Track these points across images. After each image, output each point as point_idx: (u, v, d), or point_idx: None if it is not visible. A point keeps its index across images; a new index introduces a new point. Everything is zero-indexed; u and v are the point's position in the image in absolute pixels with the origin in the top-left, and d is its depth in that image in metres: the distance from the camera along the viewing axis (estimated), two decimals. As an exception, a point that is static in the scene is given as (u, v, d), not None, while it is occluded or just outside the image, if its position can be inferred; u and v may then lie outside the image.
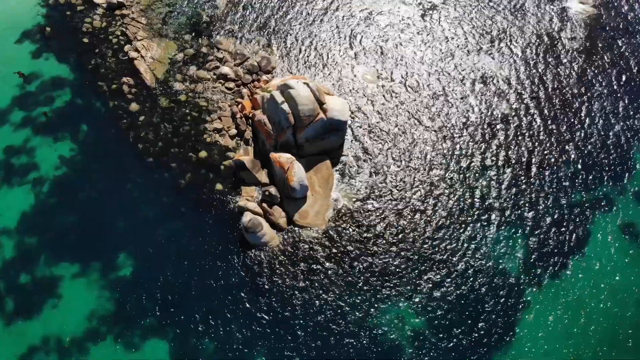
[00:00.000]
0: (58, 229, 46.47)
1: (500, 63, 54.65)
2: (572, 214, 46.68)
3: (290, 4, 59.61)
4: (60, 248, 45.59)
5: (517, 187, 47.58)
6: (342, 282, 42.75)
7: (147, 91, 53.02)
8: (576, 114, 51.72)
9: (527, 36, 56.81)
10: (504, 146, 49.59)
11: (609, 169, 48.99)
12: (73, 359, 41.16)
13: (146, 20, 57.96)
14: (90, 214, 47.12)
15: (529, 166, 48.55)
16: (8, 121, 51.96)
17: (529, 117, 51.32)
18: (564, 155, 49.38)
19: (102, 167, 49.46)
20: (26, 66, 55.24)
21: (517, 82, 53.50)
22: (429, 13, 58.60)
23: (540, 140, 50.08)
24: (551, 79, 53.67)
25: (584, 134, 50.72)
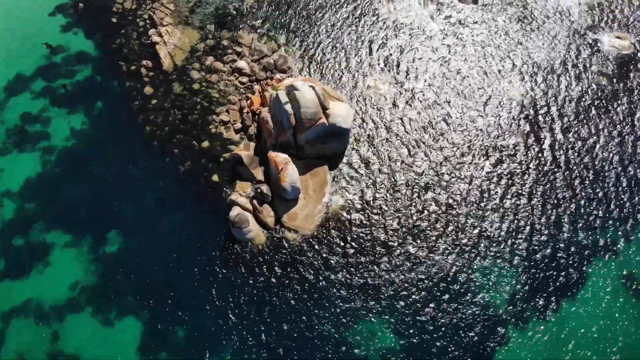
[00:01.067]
0: (58, 199, 48.03)
1: (519, 89, 53.03)
2: (571, 254, 44.76)
3: (316, 7, 59.60)
4: (56, 217, 47.12)
5: (515, 218, 45.97)
6: (317, 292, 42.35)
7: (164, 76, 54.12)
8: (590, 151, 49.61)
9: (552, 65, 54.83)
10: (508, 174, 48.04)
11: (617, 214, 46.70)
12: (50, 323, 42.54)
13: (174, 7, 59.22)
14: (90, 188, 48.51)
15: (531, 198, 46.89)
16: (29, 89, 54.14)
17: (539, 148, 49.49)
18: (571, 192, 47.45)
19: (109, 144, 50.86)
20: (55, 38, 57.50)
21: (533, 110, 51.75)
22: (456, 31, 57.43)
23: (547, 172, 48.27)
24: (570, 113, 51.65)
25: (596, 173, 48.56)
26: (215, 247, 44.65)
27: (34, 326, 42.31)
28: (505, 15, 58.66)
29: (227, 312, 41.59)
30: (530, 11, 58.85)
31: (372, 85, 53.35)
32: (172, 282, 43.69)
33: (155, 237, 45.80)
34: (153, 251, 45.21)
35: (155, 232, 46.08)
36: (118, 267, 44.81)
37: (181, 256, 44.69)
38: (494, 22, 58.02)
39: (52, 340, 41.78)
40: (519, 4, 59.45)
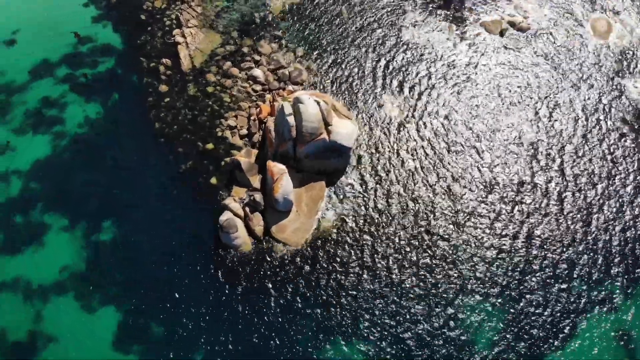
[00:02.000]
0: (61, 182, 49.37)
1: (533, 127, 51.58)
2: (564, 303, 42.98)
3: (339, 25, 59.77)
4: (57, 200, 48.42)
5: (511, 260, 44.55)
6: (292, 308, 41.93)
7: (181, 76, 55.20)
8: (600, 199, 47.70)
9: (572, 105, 53.16)
10: (508, 212, 46.67)
11: (620, 268, 44.67)
12: (35, 303, 43.56)
13: (202, 9, 60.51)
14: (93, 175, 49.71)
15: (529, 239, 45.36)
16: (53, 74, 56.16)
17: (544, 190, 47.91)
18: (573, 238, 45.67)
19: (118, 135, 52.09)
20: (84, 29, 59.59)
21: (546, 151, 50.21)
22: (477, 62, 56.46)
23: (549, 215, 46.64)
24: (583, 157, 49.86)
25: (603, 223, 46.59)
26: (201, 248, 44.95)
27: (19, 304, 43.40)
28: (531, 50, 57.36)
29: (201, 316, 41.78)
30: (557, 49, 57.37)
31: (383, 106, 52.98)
32: (155, 278, 44.20)
33: (147, 230, 46.50)
34: (143, 244, 45.92)
35: (148, 225, 46.78)
36: (108, 256, 45.61)
37: (168, 253, 45.18)
38: (518, 57, 56.76)
39: (34, 319, 42.75)
40: (546, 41, 58.07)
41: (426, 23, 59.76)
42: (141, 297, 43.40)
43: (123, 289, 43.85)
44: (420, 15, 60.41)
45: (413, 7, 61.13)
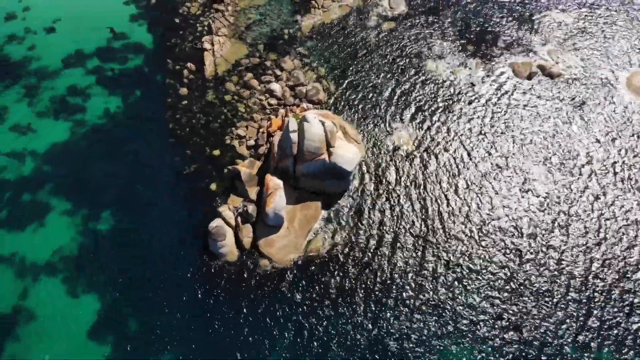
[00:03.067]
0: (71, 168, 51.10)
1: (548, 178, 49.70)
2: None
3: (365, 49, 59.93)
4: (65, 184, 50.07)
5: (501, 315, 42.74)
6: (264, 327, 41.44)
7: (202, 82, 56.60)
8: (605, 265, 45.24)
9: (591, 162, 51.01)
10: (506, 265, 44.91)
11: (615, 336, 42.09)
12: (25, 279, 44.86)
13: (234, 20, 62.14)
14: (102, 165, 51.22)
15: (524, 297, 43.38)
16: (83, 65, 58.73)
17: (549, 247, 45.92)
18: (573, 303, 43.41)
19: (132, 131, 53.62)
20: (121, 25, 62.27)
21: (556, 206, 48.23)
22: (499, 102, 55.26)
23: (549, 275, 44.54)
24: (598, 218, 47.59)
25: (603, 288, 44.12)
26: (189, 252, 45.31)
27: (10, 278, 44.83)
28: (557, 97, 55.68)
29: (173, 317, 42.03)
30: (585, 99, 55.40)
31: (393, 135, 52.50)
32: (140, 274, 44.75)
33: (142, 226, 47.32)
34: (135, 239, 46.70)
35: (144, 221, 47.62)
36: (101, 245, 46.60)
37: (157, 252, 45.78)
38: (542, 102, 55.24)
39: (21, 295, 44.00)
40: (575, 90, 56.24)
41: (453, 56, 59.20)
42: (124, 290, 44.04)
43: (109, 280, 44.62)
44: (448, 48, 59.92)
45: (442, 39, 60.76)
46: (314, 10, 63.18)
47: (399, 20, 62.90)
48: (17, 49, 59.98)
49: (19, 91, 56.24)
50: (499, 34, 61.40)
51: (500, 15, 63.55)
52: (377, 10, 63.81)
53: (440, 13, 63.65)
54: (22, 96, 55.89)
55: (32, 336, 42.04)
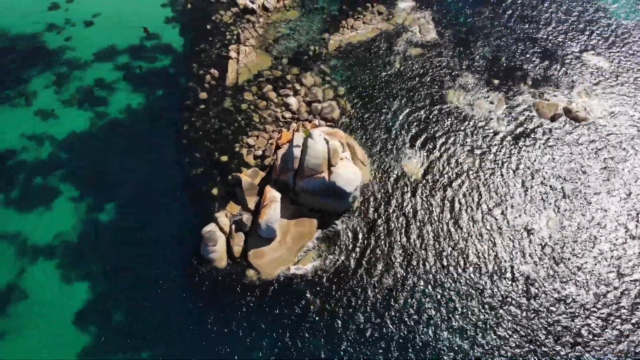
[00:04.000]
0: (86, 157, 52.76)
1: (556, 223, 47.70)
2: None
3: (388, 73, 59.60)
4: (77, 172, 51.68)
5: (489, 355, 41.10)
6: (239, 343, 41.11)
7: (222, 89, 57.65)
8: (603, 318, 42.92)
9: (602, 215, 48.73)
10: (499, 303, 43.18)
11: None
12: (23, 259, 46.36)
13: (263, 32, 63.19)
14: (114, 158, 52.60)
15: (510, 336, 41.58)
16: (114, 60, 60.93)
17: (545, 295, 43.98)
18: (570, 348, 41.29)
19: (149, 127, 54.99)
20: (155, 26, 64.40)
21: (559, 254, 46.21)
22: (516, 142, 53.60)
23: (534, 312, 42.59)
24: (592, 273, 45.29)
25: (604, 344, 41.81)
26: (180, 253, 45.77)
27: (10, 256, 46.45)
28: (579, 143, 53.63)
29: (155, 313, 42.68)
30: (608, 148, 53.10)
31: (401, 162, 51.77)
32: (133, 269, 45.49)
33: (141, 222, 48.22)
34: (133, 234, 47.56)
35: (144, 217, 48.52)
36: (101, 236, 47.73)
37: (152, 249, 46.46)
38: (562, 146, 53.27)
39: (17, 274, 45.50)
40: (598, 137, 54.03)
41: (476, 89, 58.12)
42: (114, 283, 44.82)
43: (102, 271, 45.50)
44: (472, 80, 58.92)
45: (468, 70, 59.83)
46: (343, 30, 63.56)
47: (427, 48, 62.40)
48: (55, 38, 62.95)
49: (49, 78, 58.85)
50: (527, 71, 59.93)
51: (532, 52, 62.08)
52: (407, 35, 63.54)
53: (471, 44, 62.79)
54: (51, 83, 58.45)
55: (22, 315, 43.27)
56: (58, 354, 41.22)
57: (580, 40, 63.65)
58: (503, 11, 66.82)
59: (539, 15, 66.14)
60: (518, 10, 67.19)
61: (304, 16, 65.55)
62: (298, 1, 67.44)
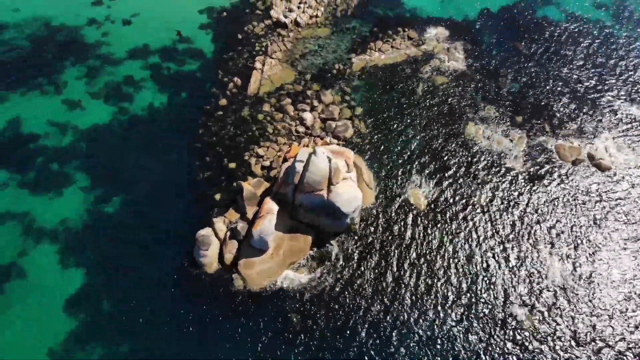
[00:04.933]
0: (103, 150, 54.48)
1: (552, 268, 45.59)
2: None
3: (408, 99, 58.91)
4: (92, 163, 53.36)
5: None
6: (215, 349, 41.14)
7: (242, 97, 58.55)
8: None
9: (608, 270, 46.15)
10: (479, 348, 41.47)
11: None
12: (27, 239, 48.07)
13: (291, 46, 63.97)
14: (129, 154, 54.07)
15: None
16: (144, 59, 63.14)
17: (528, 335, 41.88)
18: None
19: (166, 127, 56.38)
20: (189, 30, 66.43)
21: (553, 298, 44.01)
22: (532, 181, 51.79)
23: None
24: (592, 318, 42.77)
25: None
26: (173, 254, 46.35)
27: (16, 234, 48.26)
28: (599, 192, 51.18)
29: (140, 306, 43.61)
30: (629, 202, 50.52)
31: (408, 190, 50.83)
32: (126, 264, 46.38)
33: (144, 217, 49.23)
34: (133, 229, 48.56)
35: (148, 213, 49.53)
36: (103, 226, 49.00)
37: (147, 245, 47.28)
38: (578, 194, 51.02)
39: (20, 253, 47.18)
40: (621, 189, 51.44)
41: (498, 123, 56.69)
42: (108, 274, 45.78)
43: (98, 261, 46.60)
44: (494, 114, 57.51)
45: (491, 104, 58.46)
46: (370, 52, 63.56)
47: (452, 77, 61.49)
48: (93, 32, 65.89)
49: (81, 70, 61.51)
50: (554, 111, 58.02)
51: (562, 92, 60.13)
52: (434, 63, 62.85)
53: (499, 78, 61.42)
54: (82, 75, 61.05)
55: (15, 292, 44.78)
56: (44, 334, 42.34)
57: (615, 86, 61.25)
58: (538, 48, 65.20)
59: (575, 56, 64.15)
60: (554, 49, 65.41)
61: (334, 34, 66.01)
62: (331, 19, 68.07)
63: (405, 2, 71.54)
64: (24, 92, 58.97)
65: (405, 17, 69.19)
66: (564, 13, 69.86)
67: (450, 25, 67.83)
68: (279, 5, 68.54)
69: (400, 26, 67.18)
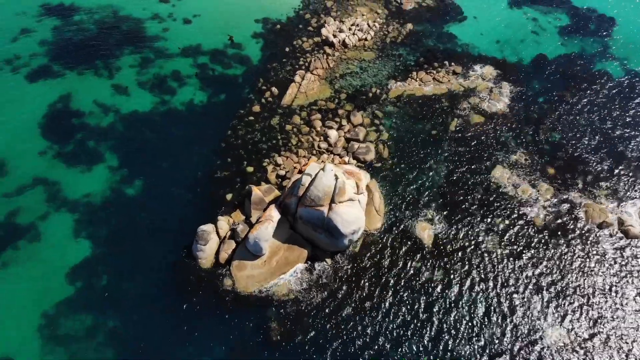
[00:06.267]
0: (138, 135, 57.66)
1: (555, 336, 42.89)
2: None
3: (438, 130, 57.86)
4: (125, 146, 56.53)
5: None
6: (191, 348, 42.19)
7: (275, 106, 60.10)
8: None
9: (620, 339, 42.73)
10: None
11: None
12: (51, 204, 51.49)
13: (334, 65, 64.98)
14: (159, 143, 56.85)
15: None
16: (194, 58, 66.64)
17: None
18: None
19: (199, 124, 58.80)
20: (241, 37, 69.23)
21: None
22: (550, 239, 49.08)
23: None
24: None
25: None
26: (175, 244, 47.96)
27: (39, 198, 51.81)
28: (623, 261, 47.75)
29: (131, 292, 45.57)
30: (654, 277, 46.85)
31: (418, 224, 49.82)
32: (132, 244, 48.59)
33: (158, 204, 51.46)
34: (147, 213, 50.90)
35: (162, 201, 51.69)
36: (120, 205, 51.70)
37: (154, 231, 49.46)
38: (600, 259, 47.80)
39: (40, 216, 50.54)
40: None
41: (527, 171, 54.43)
42: (113, 250, 48.22)
43: (107, 238, 49.12)
44: (525, 161, 55.27)
45: (524, 150, 56.27)
46: (410, 80, 63.29)
47: (490, 117, 59.84)
48: (155, 26, 70.33)
49: (136, 59, 65.73)
50: (589, 168, 54.90)
51: (602, 150, 56.72)
52: (474, 100, 61.46)
53: (538, 126, 59.03)
54: (136, 64, 65.23)
55: (27, 250, 48.12)
56: (41, 294, 45.16)
57: (662, 152, 57.34)
58: (586, 100, 62.13)
59: (624, 114, 60.52)
60: (603, 103, 62.04)
61: (379, 59, 66.36)
62: (379, 44, 68.56)
63: (459, 37, 70.71)
64: (80, 71, 63.81)
65: (455, 51, 68.36)
66: (623, 69, 66.29)
67: (500, 66, 66.21)
68: (332, 25, 69.99)
69: (447, 60, 66.48)
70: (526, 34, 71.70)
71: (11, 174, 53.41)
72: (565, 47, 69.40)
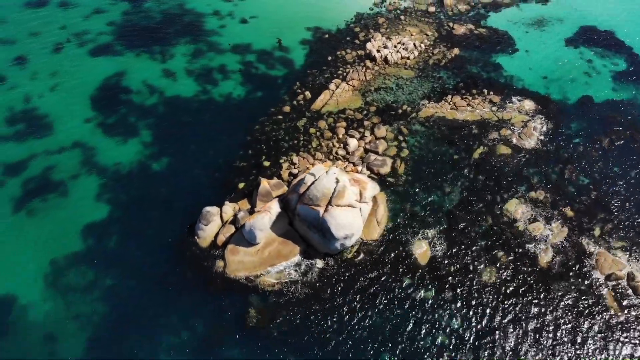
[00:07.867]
0: (174, 118, 61.92)
1: None
2: None
3: (462, 156, 57.16)
4: (160, 125, 60.92)
5: None
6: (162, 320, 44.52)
7: (304, 109, 62.34)
8: None
9: None
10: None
11: None
12: (83, 168, 56.27)
13: (371, 78, 66.24)
14: (192, 128, 60.68)
15: None
16: (242, 56, 70.72)
17: None
18: None
19: (232, 116, 62.17)
20: (290, 41, 72.56)
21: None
22: (553, 282, 47.25)
23: None
24: None
25: None
26: (181, 219, 50.93)
27: (76, 161, 56.87)
28: (624, 313, 45.03)
29: (135, 256, 48.91)
30: (659, 340, 43.81)
31: (415, 240, 49.68)
32: (147, 214, 52.09)
33: (176, 181, 54.98)
34: (164, 189, 54.40)
35: (181, 180, 55.11)
36: (144, 178, 55.60)
37: (165, 206, 52.80)
38: (604, 311, 45.34)
39: (71, 177, 55.32)
40: (655, 324, 44.81)
41: (543, 209, 52.39)
42: (126, 217, 51.94)
43: (122, 202, 53.06)
44: (545, 199, 53.22)
45: (546, 188, 54.23)
46: (443, 103, 63.25)
47: (518, 151, 58.23)
48: (213, 22, 75.49)
49: (189, 49, 70.74)
50: (612, 216, 52.05)
51: (629, 200, 53.55)
52: (505, 132, 60.18)
53: (567, 166, 56.87)
54: (188, 53, 70.19)
55: (50, 203, 52.79)
56: (55, 244, 49.35)
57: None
58: (624, 150, 59.03)
59: (664, 168, 57.19)
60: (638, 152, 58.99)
61: (417, 79, 66.86)
62: (421, 65, 69.09)
63: (506, 68, 69.69)
64: (138, 52, 69.64)
65: (497, 81, 67.47)
66: (672, 121, 62.62)
67: (541, 101, 64.49)
68: (378, 40, 71.44)
69: (487, 88, 65.82)
70: (577, 74, 69.36)
71: (56, 134, 59.22)
72: (616, 93, 66.38)
